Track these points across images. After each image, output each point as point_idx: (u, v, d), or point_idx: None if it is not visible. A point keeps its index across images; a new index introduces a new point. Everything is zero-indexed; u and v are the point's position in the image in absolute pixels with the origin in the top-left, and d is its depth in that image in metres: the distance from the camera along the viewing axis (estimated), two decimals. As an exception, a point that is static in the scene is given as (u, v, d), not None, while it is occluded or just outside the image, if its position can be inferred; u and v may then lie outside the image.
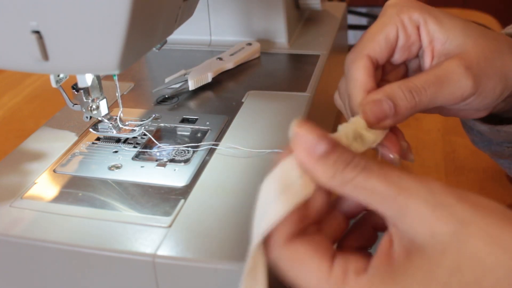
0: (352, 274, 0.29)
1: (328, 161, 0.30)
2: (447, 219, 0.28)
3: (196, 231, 0.39)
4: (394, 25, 0.40)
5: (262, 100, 0.55)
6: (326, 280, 0.29)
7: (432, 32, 0.40)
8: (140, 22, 0.37)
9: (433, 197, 0.29)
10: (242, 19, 0.67)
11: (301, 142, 0.30)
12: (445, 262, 0.28)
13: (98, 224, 0.40)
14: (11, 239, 0.39)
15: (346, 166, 0.30)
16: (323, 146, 0.30)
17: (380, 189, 0.29)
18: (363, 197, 0.30)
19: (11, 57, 0.39)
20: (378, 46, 0.40)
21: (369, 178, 0.29)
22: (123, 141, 0.50)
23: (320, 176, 0.30)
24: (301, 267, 0.30)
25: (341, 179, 0.30)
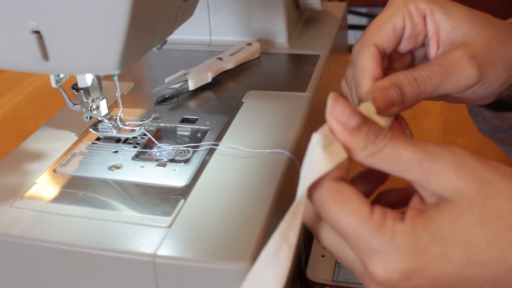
0: (390, 220, 0.31)
1: (361, 133, 0.32)
2: (471, 178, 0.30)
3: (196, 231, 0.39)
4: (401, 15, 0.41)
5: (262, 100, 0.55)
6: (366, 221, 0.31)
7: (438, 21, 0.41)
8: (140, 22, 0.37)
9: (457, 159, 0.31)
10: (242, 19, 0.67)
11: (337, 114, 0.32)
12: (472, 214, 0.30)
13: (98, 224, 0.40)
14: (11, 239, 0.39)
15: (376, 138, 0.32)
16: (356, 119, 0.32)
17: (406, 156, 0.31)
18: (391, 166, 0.32)
19: (11, 57, 0.39)
20: (386, 35, 0.41)
21: (396, 147, 0.31)
22: (123, 141, 0.50)
23: (353, 147, 0.32)
24: (344, 204, 0.31)
25: (372, 150, 0.32)
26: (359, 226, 0.31)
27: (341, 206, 0.32)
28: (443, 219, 0.30)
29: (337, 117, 0.32)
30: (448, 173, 0.30)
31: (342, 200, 0.32)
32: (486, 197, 0.30)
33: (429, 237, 0.30)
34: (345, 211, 0.31)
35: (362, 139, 0.32)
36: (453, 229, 0.30)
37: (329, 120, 0.32)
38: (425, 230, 0.30)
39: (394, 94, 0.37)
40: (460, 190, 0.30)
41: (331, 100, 0.32)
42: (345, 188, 0.32)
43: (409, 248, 0.30)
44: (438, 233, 0.30)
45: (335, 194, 0.32)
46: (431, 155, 0.31)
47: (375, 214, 0.31)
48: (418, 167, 0.31)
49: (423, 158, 0.31)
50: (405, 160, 0.31)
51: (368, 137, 0.32)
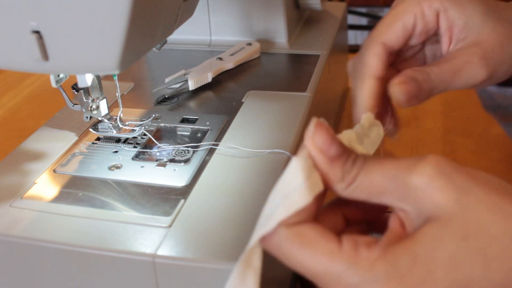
0: (363, 247, 0.29)
1: (339, 163, 0.31)
2: (447, 187, 0.29)
3: (196, 231, 0.39)
4: (412, 13, 0.41)
5: (262, 100, 0.55)
6: (338, 258, 0.29)
7: (452, 18, 0.41)
8: (140, 22, 0.37)
9: (430, 168, 0.29)
10: (242, 19, 0.67)
11: (318, 141, 0.31)
12: (452, 231, 0.28)
13: (98, 224, 0.40)
14: (11, 239, 0.39)
15: (352, 166, 0.31)
16: (336, 148, 0.31)
17: (379, 179, 0.30)
18: (367, 194, 0.31)
19: (11, 57, 0.39)
20: (395, 34, 0.41)
21: (368, 173, 0.31)
22: (123, 141, 0.50)
23: (331, 178, 0.31)
24: (309, 248, 0.30)
25: (347, 181, 0.31)
26: (331, 266, 0.29)
27: (306, 250, 0.30)
28: (424, 239, 0.29)
29: (318, 144, 0.31)
30: (423, 186, 0.29)
31: (305, 243, 0.30)
32: (465, 208, 0.29)
33: (411, 260, 0.28)
34: (311, 255, 0.30)
35: (340, 170, 0.31)
36: (435, 248, 0.28)
37: (310, 146, 0.31)
38: (405, 253, 0.29)
39: (414, 88, 0.37)
40: (438, 204, 0.29)
41: (313, 126, 0.31)
42: (304, 230, 0.30)
43: (392, 275, 0.28)
44: (420, 255, 0.28)
45: (295, 239, 0.30)
46: (404, 170, 0.30)
47: (345, 248, 0.29)
48: (393, 187, 0.30)
49: (396, 175, 0.30)
50: (379, 184, 0.30)
51: (346, 168, 0.31)
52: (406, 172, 0.30)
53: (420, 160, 0.30)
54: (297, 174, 0.31)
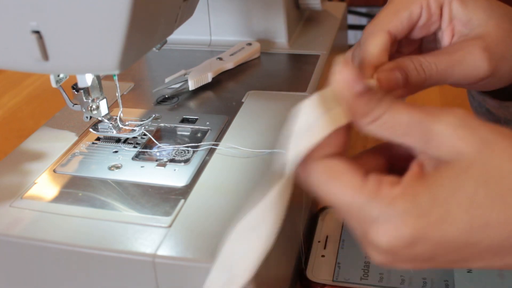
0: (387, 186, 0.30)
1: (363, 99, 0.31)
2: (471, 138, 0.30)
3: (196, 231, 0.39)
4: (419, 3, 0.41)
5: (262, 100, 0.55)
6: (361, 192, 0.30)
7: (454, 12, 0.40)
8: (140, 22, 0.37)
9: (457, 119, 0.30)
10: (242, 19, 0.67)
11: (344, 77, 0.32)
12: (472, 175, 0.29)
13: (98, 224, 0.40)
14: (11, 239, 0.39)
15: (377, 104, 0.31)
16: (361, 85, 0.31)
17: (405, 120, 0.31)
18: (390, 132, 0.32)
19: (11, 57, 0.39)
20: (400, 23, 0.41)
21: (395, 113, 0.31)
22: (123, 141, 0.50)
23: (355, 113, 0.32)
24: (335, 180, 0.31)
25: (371, 117, 0.32)
26: (354, 198, 0.30)
27: (332, 183, 0.31)
28: (443, 180, 0.29)
29: (345, 79, 0.32)
30: (448, 133, 0.30)
31: (332, 177, 0.31)
32: (486, 157, 0.29)
33: (430, 199, 0.29)
34: (337, 187, 0.31)
35: (365, 105, 0.32)
36: (454, 189, 0.29)
37: (338, 79, 0.32)
38: (425, 192, 0.29)
39: (399, 77, 0.37)
40: (460, 151, 0.30)
41: (340, 63, 0.32)
42: (333, 163, 0.31)
43: (411, 211, 0.29)
44: (439, 194, 0.29)
45: (324, 171, 0.31)
46: (430, 116, 0.31)
47: (369, 183, 0.30)
48: (417, 130, 0.31)
49: (422, 120, 0.31)
50: (404, 124, 0.31)
51: (370, 103, 0.32)
52: (432, 118, 0.30)
53: (448, 112, 0.31)
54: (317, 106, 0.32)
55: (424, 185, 0.30)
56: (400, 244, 0.29)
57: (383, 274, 0.47)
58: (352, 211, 0.31)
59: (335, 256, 0.49)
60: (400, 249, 0.30)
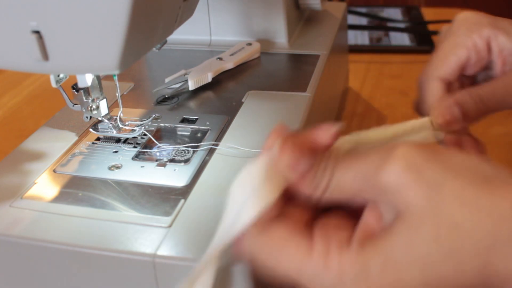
0: (335, 250, 0.29)
1: (310, 175, 0.31)
2: (418, 185, 0.28)
3: (196, 231, 0.39)
4: (465, 46, 0.43)
5: (262, 100, 0.55)
6: (309, 260, 0.29)
7: (502, 43, 0.43)
8: (140, 22, 0.37)
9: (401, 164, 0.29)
10: (242, 19, 0.67)
11: (286, 160, 0.31)
12: (424, 231, 0.28)
13: (98, 224, 0.40)
14: (11, 239, 0.39)
15: (323, 173, 0.31)
16: (304, 163, 0.31)
17: (351, 181, 0.30)
18: (343, 196, 0.31)
19: (11, 57, 0.39)
20: (450, 68, 0.43)
21: (340, 177, 0.30)
22: (123, 141, 0.50)
23: (304, 190, 0.31)
24: (279, 252, 0.30)
25: (321, 189, 0.31)
26: (303, 268, 0.29)
27: (277, 255, 0.30)
28: (395, 241, 0.28)
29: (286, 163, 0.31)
30: (395, 184, 0.29)
31: (276, 248, 0.30)
32: (437, 204, 0.28)
33: (381, 263, 0.28)
34: (283, 259, 0.30)
35: (312, 181, 0.31)
36: (407, 251, 0.28)
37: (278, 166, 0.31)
38: (375, 257, 0.28)
39: (456, 112, 0.39)
40: (409, 201, 0.28)
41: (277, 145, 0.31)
42: (275, 233, 0.30)
43: (361, 281, 0.28)
44: (390, 259, 0.28)
45: (266, 244, 0.30)
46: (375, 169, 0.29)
47: (316, 249, 0.29)
48: (366, 186, 0.30)
49: (367, 175, 0.30)
50: (352, 186, 0.30)
51: (317, 178, 0.31)
52: (375, 171, 0.29)
53: (389, 155, 0.29)
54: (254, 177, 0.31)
55: (374, 249, 0.29)
56: None
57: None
58: (302, 280, 0.30)
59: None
60: None
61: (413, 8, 1.15)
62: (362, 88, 0.87)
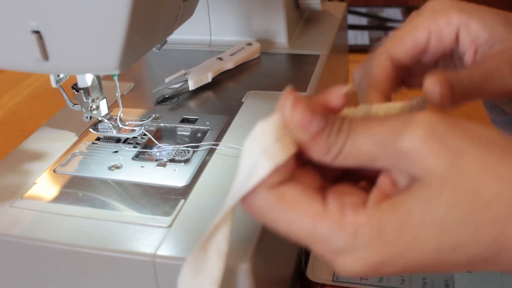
0: (350, 210, 0.29)
1: (323, 137, 0.29)
2: (440, 151, 0.28)
3: (196, 231, 0.38)
4: (426, 28, 0.40)
5: (262, 100, 0.55)
6: (323, 220, 0.28)
7: (475, 31, 0.40)
8: (140, 22, 0.37)
9: (422, 130, 0.28)
10: (242, 19, 0.67)
11: (297, 119, 0.29)
12: (443, 196, 0.27)
13: (98, 224, 0.40)
14: (11, 239, 0.39)
15: (337, 136, 0.29)
16: (317, 122, 0.29)
17: (368, 146, 0.29)
18: (358, 162, 0.30)
19: (11, 57, 0.39)
20: (403, 47, 0.40)
21: (355, 141, 0.29)
22: (123, 141, 0.50)
23: (315, 153, 0.30)
24: (292, 210, 0.29)
25: (333, 154, 0.30)
26: (316, 228, 0.28)
27: (290, 213, 0.29)
28: (413, 203, 0.28)
29: (297, 122, 0.29)
30: (415, 150, 0.28)
31: (288, 206, 0.29)
32: (458, 172, 0.27)
33: (397, 225, 0.28)
34: (295, 218, 0.29)
35: (325, 143, 0.29)
36: (424, 214, 0.28)
37: (289, 125, 0.30)
38: (391, 218, 0.28)
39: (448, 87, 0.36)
40: (429, 168, 0.28)
41: (289, 104, 0.30)
42: (288, 191, 0.29)
43: (376, 241, 0.28)
44: (407, 220, 0.28)
45: (277, 201, 0.29)
46: (394, 134, 0.28)
47: (330, 210, 0.29)
48: (383, 152, 0.29)
49: (385, 140, 0.29)
50: (368, 151, 0.29)
51: (330, 140, 0.29)
52: (395, 136, 0.28)
53: (410, 121, 0.28)
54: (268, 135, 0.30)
55: (390, 210, 0.28)
56: (367, 270, 0.29)
57: (383, 274, 0.47)
58: (315, 241, 0.29)
59: (335, 256, 0.49)
60: (368, 273, 0.29)
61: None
62: (362, 88, 0.86)
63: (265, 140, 0.30)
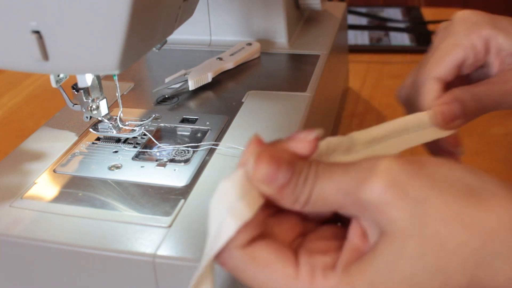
0: (320, 274, 0.29)
1: (290, 187, 0.29)
2: (400, 202, 0.27)
3: (196, 231, 0.39)
4: (463, 46, 0.42)
5: (262, 100, 0.55)
6: (295, 283, 0.29)
7: (500, 43, 0.42)
8: (140, 22, 0.37)
9: (383, 179, 0.28)
10: (242, 19, 0.67)
11: (262, 175, 0.29)
12: (408, 250, 0.27)
13: (98, 224, 0.40)
14: (11, 239, 0.39)
15: (304, 185, 0.29)
16: (282, 175, 0.29)
17: (333, 195, 0.29)
18: (324, 208, 0.30)
19: (11, 57, 0.39)
20: (447, 68, 0.42)
21: (321, 191, 0.29)
22: (123, 141, 0.50)
23: (283, 203, 0.30)
24: (265, 271, 0.29)
25: (302, 202, 0.29)
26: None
27: (263, 274, 0.29)
28: (379, 263, 0.28)
29: (262, 177, 0.29)
30: (377, 202, 0.28)
31: (261, 267, 0.29)
32: (421, 223, 0.27)
33: (367, 286, 0.28)
34: (269, 279, 0.29)
35: (291, 193, 0.29)
36: (392, 272, 0.27)
37: (254, 180, 0.30)
38: (361, 280, 0.28)
39: (458, 108, 0.38)
40: (392, 220, 0.27)
41: (252, 159, 0.29)
42: (260, 251, 0.29)
43: None
44: (376, 281, 0.28)
45: (250, 261, 0.29)
46: (356, 184, 0.28)
47: (302, 273, 0.29)
48: (348, 201, 0.29)
49: (349, 190, 0.28)
50: (333, 200, 0.29)
51: (297, 189, 0.29)
52: (357, 186, 0.28)
53: (371, 170, 0.28)
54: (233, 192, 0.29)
55: (359, 273, 0.28)
56: None
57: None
58: None
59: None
60: None
61: (413, 8, 1.15)
62: (362, 88, 0.87)
63: (230, 198, 0.29)
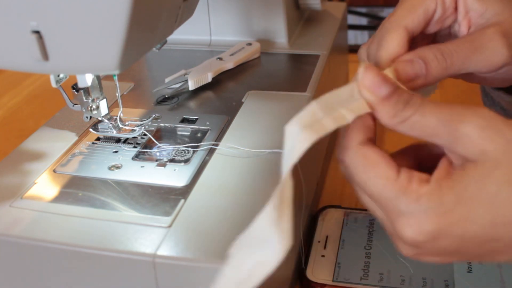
0: (416, 182, 0.32)
1: (390, 101, 0.33)
2: (497, 139, 0.31)
3: (196, 231, 0.39)
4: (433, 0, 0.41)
5: (262, 100, 0.55)
6: (392, 185, 0.32)
7: (470, 4, 0.41)
8: (140, 22, 0.37)
9: (482, 120, 0.31)
10: (242, 19, 0.67)
11: (368, 82, 0.33)
12: (496, 174, 0.31)
13: (98, 224, 0.40)
14: (11, 239, 0.39)
15: (405, 106, 0.33)
16: (386, 88, 0.33)
17: (434, 122, 0.32)
18: (419, 133, 0.33)
19: (11, 57, 0.39)
20: (417, 18, 0.41)
21: (424, 115, 0.32)
22: (123, 141, 0.50)
23: (382, 115, 0.34)
24: (370, 169, 0.33)
25: (400, 118, 0.33)
26: (385, 189, 0.32)
27: (368, 172, 0.33)
28: (468, 180, 0.31)
29: (368, 85, 0.33)
30: (474, 135, 0.31)
31: (368, 165, 0.33)
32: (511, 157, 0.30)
33: (454, 198, 0.31)
34: (371, 176, 0.33)
35: (392, 107, 0.33)
36: (478, 189, 0.31)
37: (360, 87, 0.34)
38: (450, 192, 0.31)
39: (419, 67, 0.37)
40: (485, 151, 0.31)
41: (362, 69, 0.33)
42: (371, 153, 0.33)
43: (434, 209, 0.31)
44: (463, 194, 0.31)
45: (362, 159, 0.33)
46: (458, 118, 0.32)
47: (401, 177, 0.32)
48: (445, 131, 0.32)
49: (449, 121, 0.32)
50: (433, 126, 0.32)
51: (398, 106, 0.33)
52: (459, 120, 0.32)
53: (474, 112, 0.32)
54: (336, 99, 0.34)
55: (450, 185, 0.31)
56: (422, 238, 0.32)
57: (383, 274, 0.47)
58: (382, 200, 0.33)
59: (335, 256, 0.49)
60: (423, 243, 0.32)
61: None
62: (362, 88, 0.86)
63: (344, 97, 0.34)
